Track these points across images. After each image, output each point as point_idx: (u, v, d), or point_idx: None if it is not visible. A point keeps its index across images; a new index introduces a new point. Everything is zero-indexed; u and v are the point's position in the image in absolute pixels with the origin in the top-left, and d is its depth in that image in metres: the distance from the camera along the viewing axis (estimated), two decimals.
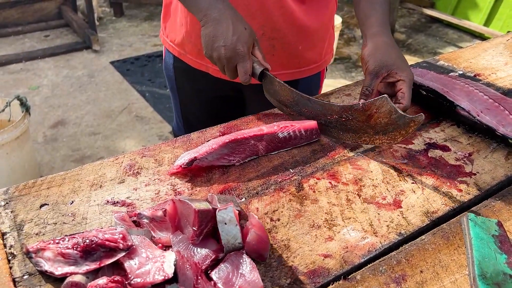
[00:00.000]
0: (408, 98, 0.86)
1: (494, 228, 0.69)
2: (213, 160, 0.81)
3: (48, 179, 0.78)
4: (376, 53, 0.90)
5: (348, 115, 0.86)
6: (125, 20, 4.79)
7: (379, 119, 0.81)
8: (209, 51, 0.90)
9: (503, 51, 1.33)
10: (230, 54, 0.87)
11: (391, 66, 0.89)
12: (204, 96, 1.26)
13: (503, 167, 0.85)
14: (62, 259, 0.59)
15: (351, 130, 0.87)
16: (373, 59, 0.90)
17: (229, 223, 0.64)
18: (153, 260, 0.59)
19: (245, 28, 0.88)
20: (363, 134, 0.86)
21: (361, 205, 0.75)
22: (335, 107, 0.88)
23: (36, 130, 2.87)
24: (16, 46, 4.02)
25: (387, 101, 0.79)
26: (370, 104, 0.81)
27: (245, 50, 0.87)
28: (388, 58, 0.89)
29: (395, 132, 0.81)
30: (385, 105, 0.79)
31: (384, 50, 0.91)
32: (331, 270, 0.63)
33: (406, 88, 0.87)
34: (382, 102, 0.79)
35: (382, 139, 0.83)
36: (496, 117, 0.91)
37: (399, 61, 0.90)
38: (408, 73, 0.89)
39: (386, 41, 0.93)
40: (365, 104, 0.82)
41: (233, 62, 0.88)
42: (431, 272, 0.63)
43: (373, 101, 0.81)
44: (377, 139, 0.84)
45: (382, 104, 0.79)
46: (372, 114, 0.82)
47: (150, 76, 3.64)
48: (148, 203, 0.74)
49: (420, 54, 4.23)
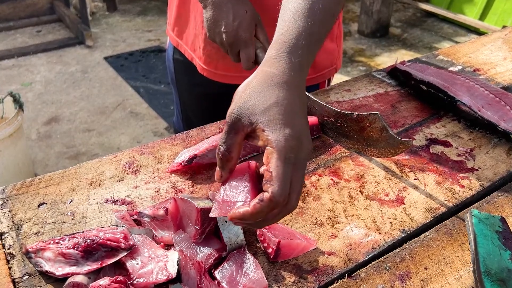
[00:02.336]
0: (277, 180, 0.50)
1: (498, 224, 0.69)
2: (213, 157, 0.80)
3: (46, 178, 0.76)
4: (244, 95, 0.57)
5: (343, 122, 0.83)
6: (118, 15, 4.74)
7: (371, 133, 0.78)
8: (211, 35, 0.88)
9: (501, 46, 1.33)
10: (232, 40, 0.84)
11: (257, 119, 0.54)
12: (201, 91, 1.24)
13: (504, 163, 0.84)
14: (62, 259, 0.58)
15: (345, 136, 0.84)
16: (236, 104, 0.57)
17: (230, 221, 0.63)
18: (156, 259, 0.59)
19: (246, 11, 0.85)
20: (356, 143, 0.82)
21: (364, 202, 0.74)
22: (331, 111, 0.84)
23: (30, 127, 2.84)
24: (8, 42, 3.97)
25: (379, 119, 0.75)
26: (363, 117, 0.77)
27: (247, 36, 0.84)
28: (257, 105, 0.55)
29: (385, 149, 0.77)
30: (377, 122, 0.75)
31: (260, 88, 0.57)
32: (335, 268, 0.63)
33: (274, 160, 0.51)
34: (374, 118, 0.75)
35: (373, 152, 0.80)
36: (497, 113, 0.91)
37: (275, 113, 0.54)
38: (282, 135, 0.52)
39: (270, 72, 0.58)
40: (359, 116, 0.78)
41: (235, 48, 0.86)
42: (435, 269, 0.63)
43: (366, 114, 0.77)
44: (368, 151, 0.81)
45: (375, 120, 0.76)
46: (365, 127, 0.78)
47: (144, 72, 3.61)
48: (148, 202, 0.73)
49: (415, 48, 4.23)
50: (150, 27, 4.47)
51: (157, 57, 3.88)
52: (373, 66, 3.87)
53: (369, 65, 3.90)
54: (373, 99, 1.04)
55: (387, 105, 1.02)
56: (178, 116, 1.37)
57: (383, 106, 1.02)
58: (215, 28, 0.86)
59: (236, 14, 0.84)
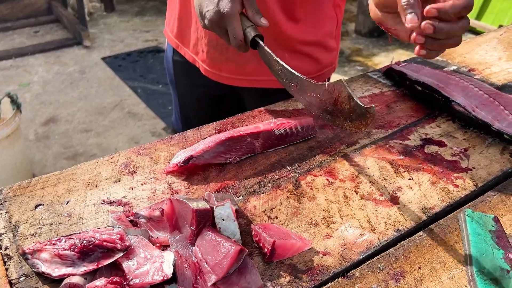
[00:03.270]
0: None
1: (491, 223, 0.69)
2: (209, 158, 0.80)
3: (42, 179, 0.77)
4: None
5: (321, 96, 0.80)
6: (116, 16, 4.75)
7: (343, 104, 0.75)
8: (201, 21, 0.86)
9: (496, 46, 1.33)
10: (215, 17, 0.82)
11: None
12: (201, 93, 1.25)
13: (498, 162, 0.85)
14: (59, 260, 0.58)
15: (327, 112, 0.82)
16: None
17: (226, 219, 0.64)
18: (152, 260, 0.59)
19: None
20: (336, 118, 0.80)
21: (359, 202, 0.75)
22: (310, 85, 0.82)
23: (27, 127, 2.84)
24: (6, 43, 3.97)
25: (344, 86, 0.72)
26: (332, 87, 0.75)
27: (229, 10, 0.80)
28: None
29: (357, 121, 0.74)
30: (343, 90, 0.73)
31: None
32: (330, 267, 0.63)
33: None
34: (340, 87, 0.73)
35: (350, 126, 0.77)
36: (491, 112, 0.91)
37: None
38: None
39: None
40: (329, 85, 0.76)
41: (221, 25, 0.83)
42: (429, 268, 0.63)
43: (333, 83, 0.75)
44: (346, 125, 0.78)
45: (341, 89, 0.73)
46: (336, 98, 0.76)
47: (142, 72, 3.62)
48: (144, 202, 0.73)
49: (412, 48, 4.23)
50: (148, 27, 4.47)
51: (155, 57, 3.89)
52: (370, 66, 3.88)
53: (366, 64, 3.90)
54: (369, 99, 1.05)
55: (382, 106, 1.02)
56: (177, 116, 1.37)
57: (379, 106, 1.02)
58: (201, 12, 0.84)
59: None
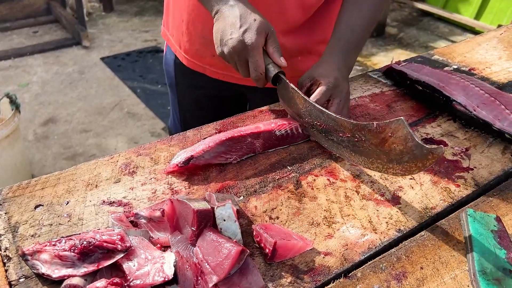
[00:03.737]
0: (318, 94, 0.84)
1: (493, 223, 0.69)
2: (210, 158, 0.80)
3: (42, 180, 0.76)
4: (309, 70, 0.92)
5: (361, 135, 0.74)
6: (115, 16, 4.74)
7: (393, 145, 0.68)
8: (219, 47, 0.86)
9: (496, 45, 1.33)
10: (238, 46, 0.82)
11: (314, 75, 0.88)
12: (203, 96, 1.23)
13: (499, 162, 0.85)
14: (59, 262, 0.58)
15: (363, 153, 0.75)
16: (303, 75, 0.92)
17: (227, 220, 0.63)
18: (153, 261, 0.59)
19: (254, 19, 0.82)
20: (376, 160, 0.73)
21: (360, 202, 0.75)
22: (347, 124, 0.76)
23: (27, 128, 2.84)
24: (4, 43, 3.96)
25: (404, 124, 0.66)
26: (385, 126, 0.69)
27: (254, 42, 0.81)
28: (316, 71, 0.90)
29: (410, 162, 0.67)
30: (401, 129, 0.67)
31: (318, 66, 0.92)
32: (332, 268, 0.63)
33: (320, 87, 0.85)
34: (398, 125, 0.67)
35: (396, 168, 0.70)
36: (492, 112, 0.91)
37: (325, 71, 0.89)
38: (328, 78, 0.86)
39: (326, 59, 0.93)
40: (379, 125, 0.70)
41: (242, 56, 0.83)
42: (431, 269, 0.63)
43: (388, 122, 0.68)
44: (390, 168, 0.71)
45: (398, 128, 0.67)
46: (386, 138, 0.69)
47: (141, 72, 3.61)
48: (145, 203, 0.73)
49: (411, 48, 4.24)
50: (147, 27, 4.47)
51: (154, 58, 3.88)
52: (370, 66, 3.88)
53: (365, 64, 3.90)
54: (369, 99, 1.05)
55: (382, 105, 1.02)
56: (176, 119, 1.35)
57: (379, 106, 1.02)
58: (222, 38, 0.84)
59: (244, 21, 0.82)
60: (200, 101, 1.25)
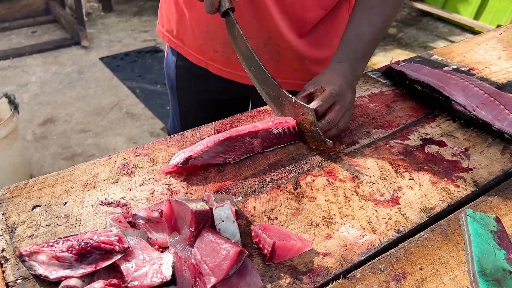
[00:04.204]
0: (318, 100, 0.85)
1: (493, 223, 0.69)
2: (208, 158, 0.80)
3: (40, 180, 0.76)
4: (315, 77, 0.93)
5: (285, 103, 0.87)
6: (114, 16, 4.73)
7: (305, 124, 0.84)
8: None
9: (496, 45, 1.33)
10: None
11: (319, 82, 0.89)
12: (206, 98, 1.23)
13: (499, 162, 0.85)
14: (56, 263, 0.58)
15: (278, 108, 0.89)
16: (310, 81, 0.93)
17: (226, 220, 0.63)
18: (151, 262, 0.58)
19: None
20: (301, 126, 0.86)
21: (359, 202, 0.74)
22: (273, 84, 0.88)
23: (25, 128, 2.83)
24: (3, 43, 3.96)
25: (311, 113, 0.81)
26: (299, 106, 0.83)
27: None
28: (322, 78, 0.90)
29: (317, 141, 0.84)
30: (309, 114, 0.82)
31: (324, 73, 0.92)
32: (331, 268, 0.62)
33: (322, 94, 0.86)
34: (307, 110, 0.82)
35: (312, 142, 0.86)
36: (492, 112, 0.91)
37: (331, 79, 0.89)
38: (333, 85, 0.87)
39: (333, 67, 0.93)
40: (296, 102, 0.83)
41: None
42: (430, 269, 0.63)
43: (301, 104, 0.83)
44: (308, 138, 0.86)
45: (308, 112, 0.82)
46: (298, 115, 0.85)
47: (140, 72, 3.61)
48: (143, 203, 0.72)
49: (411, 48, 4.24)
50: (146, 28, 4.46)
51: (153, 58, 3.88)
52: (369, 66, 3.88)
53: None
54: (368, 99, 1.04)
55: (382, 105, 1.02)
56: (176, 123, 1.35)
57: (378, 106, 1.02)
58: None
59: None
60: (202, 104, 1.24)
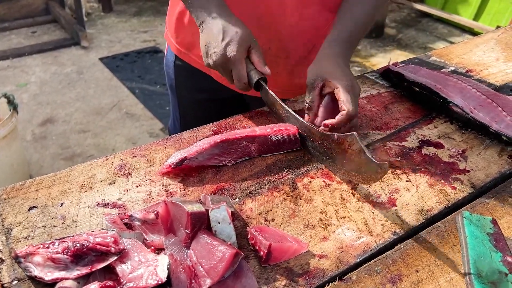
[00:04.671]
0: (348, 102, 0.80)
1: (489, 226, 0.69)
2: (203, 160, 0.80)
3: (36, 181, 0.76)
4: (314, 66, 0.89)
5: (327, 144, 0.79)
6: (114, 16, 4.73)
7: (352, 156, 0.74)
8: (205, 59, 0.89)
9: (494, 47, 1.33)
10: (221, 60, 0.85)
11: (325, 75, 0.85)
12: (204, 97, 1.23)
13: (496, 164, 0.85)
14: (52, 264, 0.58)
15: (331, 159, 0.80)
16: (310, 73, 0.89)
17: (222, 222, 0.63)
18: (146, 264, 0.58)
19: (236, 31, 0.85)
20: (341, 167, 0.78)
21: (356, 204, 0.74)
22: (316, 132, 0.81)
23: (25, 128, 2.83)
24: (3, 43, 3.96)
25: (356, 140, 0.72)
26: (343, 139, 0.75)
27: (235, 55, 0.84)
28: (323, 68, 0.87)
29: (367, 174, 0.72)
30: (355, 143, 0.72)
31: (322, 61, 0.89)
32: (327, 270, 0.62)
33: (342, 93, 0.81)
34: (352, 140, 0.73)
35: (357, 177, 0.75)
36: (489, 114, 0.91)
37: (334, 70, 0.85)
38: (343, 80, 0.83)
39: (328, 52, 0.90)
40: (339, 137, 0.76)
41: (226, 68, 0.86)
42: (426, 272, 0.63)
43: (345, 136, 0.74)
44: (353, 176, 0.76)
45: (353, 142, 0.73)
46: (346, 150, 0.75)
47: (140, 73, 3.60)
48: (139, 205, 0.72)
49: (410, 49, 4.24)
50: (146, 28, 4.46)
51: (152, 58, 3.88)
52: (368, 67, 3.88)
53: (364, 65, 3.90)
54: (366, 100, 1.04)
55: (379, 107, 1.02)
56: (176, 122, 1.35)
57: (376, 107, 1.02)
58: (207, 51, 0.87)
59: (226, 34, 0.85)
60: (201, 103, 1.25)
